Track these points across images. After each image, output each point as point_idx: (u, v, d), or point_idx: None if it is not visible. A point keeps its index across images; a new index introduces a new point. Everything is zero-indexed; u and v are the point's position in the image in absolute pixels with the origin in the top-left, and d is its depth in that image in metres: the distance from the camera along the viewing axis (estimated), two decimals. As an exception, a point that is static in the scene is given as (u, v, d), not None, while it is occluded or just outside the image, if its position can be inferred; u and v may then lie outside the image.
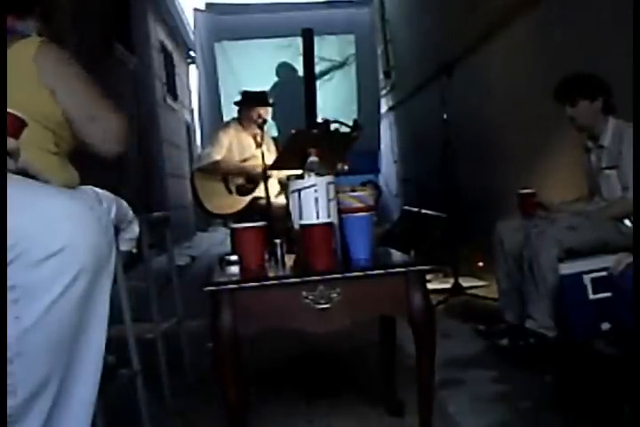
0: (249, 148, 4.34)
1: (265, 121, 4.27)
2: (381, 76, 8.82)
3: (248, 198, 4.30)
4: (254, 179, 4.24)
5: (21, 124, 1.41)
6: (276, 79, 7.56)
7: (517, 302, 2.71)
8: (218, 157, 4.25)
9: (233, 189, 4.31)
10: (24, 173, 1.43)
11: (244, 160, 4.32)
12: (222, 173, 4.28)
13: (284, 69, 7.51)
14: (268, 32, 7.55)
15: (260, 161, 3.96)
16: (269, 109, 4.43)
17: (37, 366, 1.29)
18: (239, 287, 1.67)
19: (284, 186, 4.13)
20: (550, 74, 3.39)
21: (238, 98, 4.55)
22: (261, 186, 4.02)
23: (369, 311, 1.76)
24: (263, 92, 4.58)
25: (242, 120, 4.40)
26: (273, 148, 4.42)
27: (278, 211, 3.49)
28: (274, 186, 4.22)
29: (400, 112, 8.66)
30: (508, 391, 2.29)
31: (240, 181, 4.32)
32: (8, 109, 1.39)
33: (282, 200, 3.81)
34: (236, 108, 4.54)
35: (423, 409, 1.79)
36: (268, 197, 3.85)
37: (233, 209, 4.28)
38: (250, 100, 4.38)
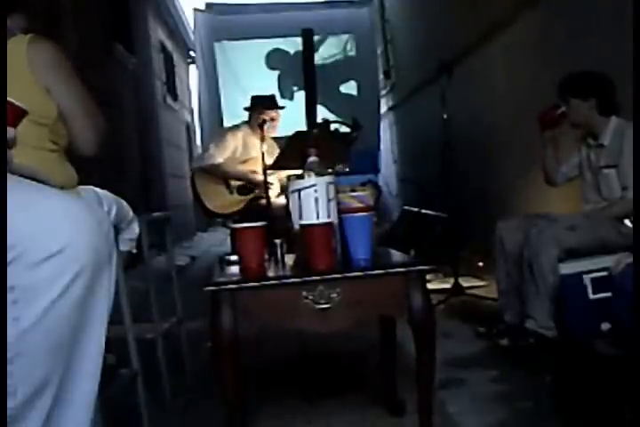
0: (254, 149, 4.33)
1: (264, 121, 4.26)
2: (381, 76, 8.82)
3: (248, 198, 4.29)
4: (254, 185, 4.25)
5: (20, 113, 1.41)
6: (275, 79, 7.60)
7: (517, 302, 2.71)
8: (220, 160, 4.25)
9: (234, 189, 4.31)
10: (23, 175, 1.43)
11: (246, 161, 4.31)
12: (221, 176, 4.27)
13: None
14: (267, 32, 7.56)
15: (262, 164, 3.97)
16: (280, 112, 4.41)
17: (37, 366, 1.29)
18: (239, 287, 1.67)
19: (284, 187, 4.13)
20: (551, 73, 3.39)
21: (239, 98, 4.55)
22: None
23: (369, 311, 1.76)
24: (272, 96, 4.57)
25: (252, 124, 4.38)
26: (277, 150, 4.40)
27: (279, 211, 3.48)
28: (275, 187, 4.22)
29: (400, 112, 8.66)
30: (508, 391, 2.28)
31: (241, 181, 4.31)
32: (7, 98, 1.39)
33: (282, 200, 3.81)
34: (236, 107, 4.54)
35: (423, 409, 1.79)
36: (267, 197, 3.85)
37: (234, 209, 4.28)
38: (259, 105, 4.36)
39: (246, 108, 4.50)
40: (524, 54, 4.30)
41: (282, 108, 4.45)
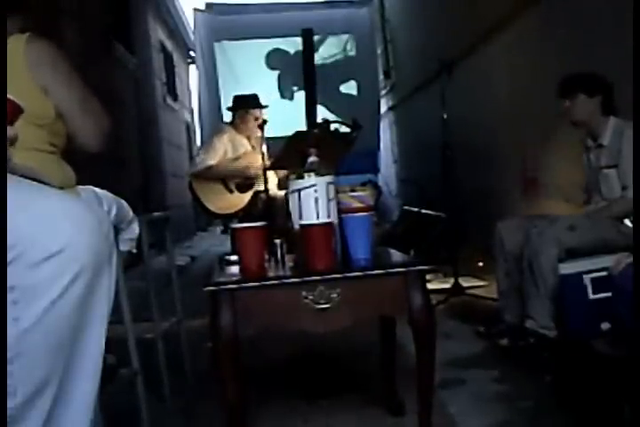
0: (242, 146, 4.35)
1: (265, 121, 4.26)
2: (381, 76, 8.82)
3: (249, 194, 4.30)
4: (250, 178, 4.25)
5: (18, 110, 1.40)
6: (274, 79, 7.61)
7: (517, 302, 2.71)
8: (212, 162, 4.26)
9: (232, 187, 4.31)
10: (23, 175, 1.43)
11: (237, 158, 4.31)
12: (217, 177, 4.28)
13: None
14: (267, 32, 7.56)
15: (254, 157, 3.95)
16: (264, 111, 4.42)
17: (37, 366, 1.29)
18: (239, 287, 1.67)
19: (282, 180, 4.15)
20: (550, 74, 3.39)
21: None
22: (261, 180, 4.02)
23: (369, 311, 1.76)
24: (255, 95, 4.55)
25: (236, 125, 4.40)
26: (264, 146, 4.40)
27: (280, 201, 3.47)
28: (272, 180, 4.22)
29: (400, 112, 8.66)
30: (508, 391, 2.28)
31: (238, 179, 4.32)
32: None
33: (283, 192, 3.81)
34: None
35: (423, 409, 1.79)
36: (267, 189, 3.81)
37: (237, 207, 4.28)
38: (244, 105, 4.38)
39: (229, 109, 4.51)
40: (524, 54, 4.30)
41: (265, 106, 4.45)
